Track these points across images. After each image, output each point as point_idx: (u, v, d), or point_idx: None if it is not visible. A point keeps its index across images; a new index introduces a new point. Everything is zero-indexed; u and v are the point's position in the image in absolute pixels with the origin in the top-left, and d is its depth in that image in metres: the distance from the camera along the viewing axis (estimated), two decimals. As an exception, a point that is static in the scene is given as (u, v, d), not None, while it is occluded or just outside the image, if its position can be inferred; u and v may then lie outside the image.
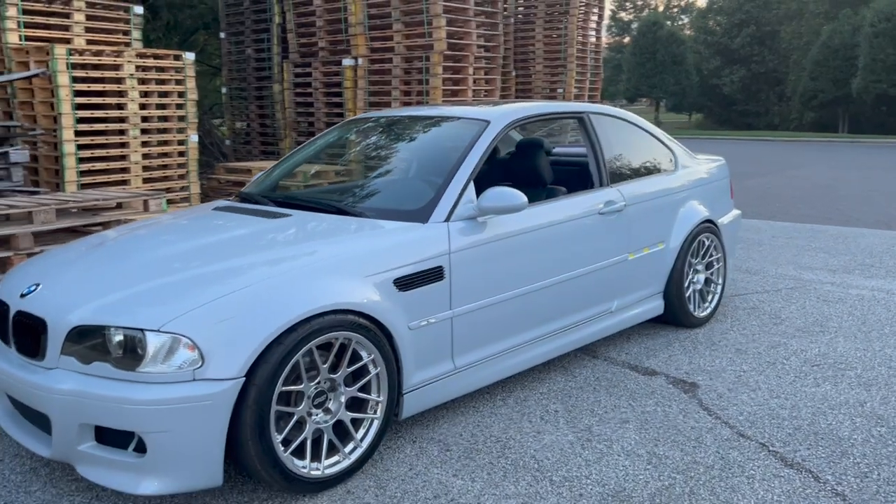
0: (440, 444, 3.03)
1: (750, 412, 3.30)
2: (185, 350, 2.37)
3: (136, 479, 2.40)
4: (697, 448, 2.97)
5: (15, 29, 8.40)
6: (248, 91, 12.37)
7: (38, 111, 8.09)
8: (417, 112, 4.07)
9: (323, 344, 2.63)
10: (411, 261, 2.92)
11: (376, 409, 2.83)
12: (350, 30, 10.36)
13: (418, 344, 2.96)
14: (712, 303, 4.67)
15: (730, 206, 5.02)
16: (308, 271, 2.66)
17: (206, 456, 2.39)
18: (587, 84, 14.39)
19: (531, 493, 2.64)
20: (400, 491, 2.67)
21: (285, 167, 4.04)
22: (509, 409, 3.37)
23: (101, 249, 3.04)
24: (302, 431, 2.63)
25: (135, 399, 2.33)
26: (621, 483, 2.71)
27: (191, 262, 2.71)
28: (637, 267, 4.08)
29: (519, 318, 3.42)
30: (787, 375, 3.74)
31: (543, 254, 3.48)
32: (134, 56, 8.44)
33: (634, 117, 4.48)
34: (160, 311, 2.42)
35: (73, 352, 2.46)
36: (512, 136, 5.37)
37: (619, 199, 3.94)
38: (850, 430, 3.12)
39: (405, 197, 3.35)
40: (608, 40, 66.01)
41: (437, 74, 9.61)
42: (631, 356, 4.04)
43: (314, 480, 2.63)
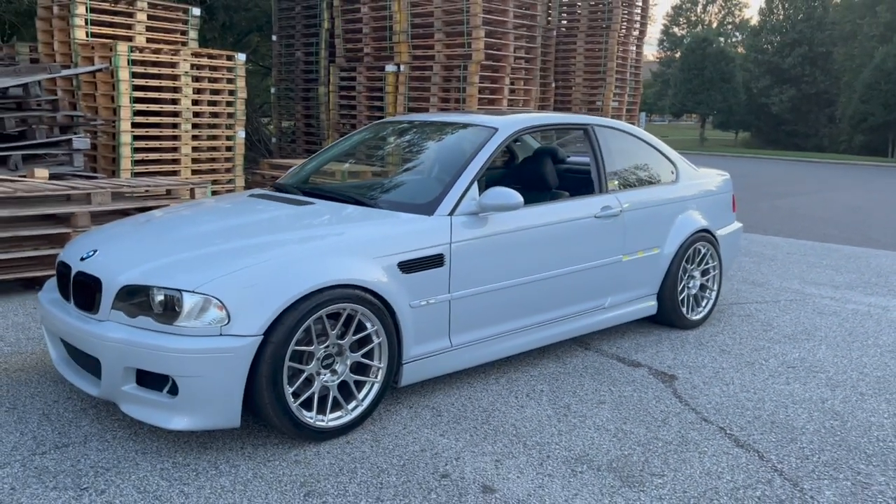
0: (433, 410, 3.43)
1: (718, 402, 3.64)
2: (215, 309, 2.82)
3: (168, 416, 2.86)
4: (662, 427, 3.32)
5: (83, 26, 9.06)
6: (296, 92, 12.96)
7: (99, 103, 8.74)
8: (436, 118, 4.50)
9: (332, 313, 3.06)
10: (415, 247, 3.33)
11: (377, 374, 3.25)
12: (394, 37, 10.85)
13: (418, 321, 3.37)
14: (706, 307, 4.98)
15: (730, 219, 5.33)
16: (322, 250, 3.09)
17: (227, 399, 2.84)
18: (626, 98, 14.65)
19: (505, 453, 3.03)
20: (392, 444, 3.08)
21: (316, 163, 4.50)
22: (500, 385, 3.76)
23: (150, 224, 3.53)
24: (311, 387, 3.06)
25: (171, 348, 2.78)
26: (585, 450, 3.08)
27: (224, 238, 3.17)
28: (631, 268, 4.43)
29: (514, 306, 3.80)
30: (761, 374, 4.05)
31: (539, 250, 3.86)
32: (189, 55, 9.03)
33: (640, 131, 4.84)
34: (195, 276, 2.87)
35: (121, 307, 2.93)
36: (530, 144, 5.77)
37: (616, 205, 4.30)
38: (805, 422, 3.43)
39: (416, 192, 3.77)
40: (659, 55, 65.73)
41: (473, 83, 10.04)
42: (621, 349, 4.39)
43: (319, 430, 3.06)
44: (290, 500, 2.63)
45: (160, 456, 2.92)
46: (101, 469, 2.79)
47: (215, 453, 2.96)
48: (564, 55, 14.54)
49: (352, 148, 4.60)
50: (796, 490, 2.80)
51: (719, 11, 64.29)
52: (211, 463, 2.88)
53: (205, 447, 3.01)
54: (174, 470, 2.81)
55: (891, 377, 4.06)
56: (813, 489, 2.81)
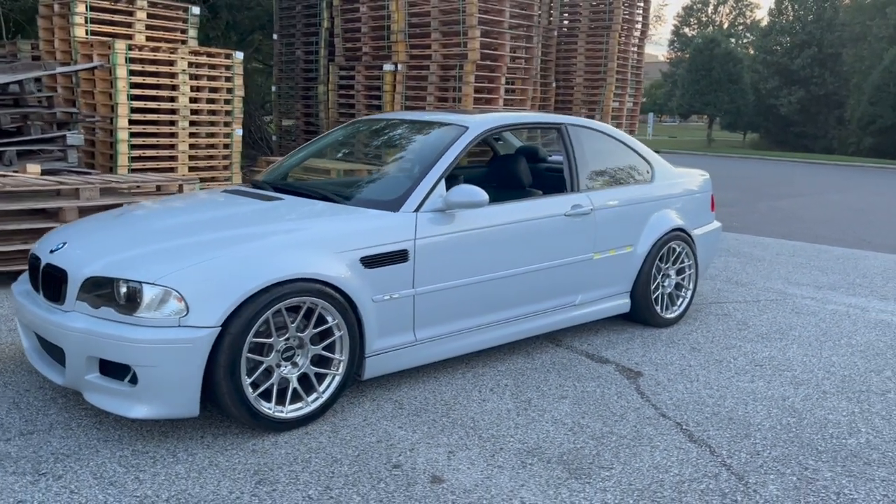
0: (395, 403, 3.50)
1: (679, 398, 3.68)
2: (174, 301, 2.89)
3: (129, 405, 2.94)
4: (619, 422, 3.37)
5: (82, 24, 9.18)
6: (296, 90, 13.05)
7: (97, 100, 8.85)
8: (410, 117, 4.56)
9: (292, 306, 3.13)
10: (377, 243, 3.40)
11: (339, 367, 3.31)
12: (392, 37, 10.92)
13: (381, 315, 3.44)
14: (681, 306, 5.02)
15: (709, 218, 5.36)
16: (284, 244, 3.16)
17: (185, 389, 2.91)
18: (626, 98, 14.67)
19: (459, 445, 3.09)
20: (350, 435, 3.15)
21: (293, 160, 4.57)
22: (465, 380, 3.82)
23: (122, 218, 3.61)
24: (270, 378, 3.13)
25: (131, 338, 2.86)
26: (539, 443, 3.13)
27: (189, 232, 3.25)
28: (602, 266, 4.47)
29: (480, 302, 3.86)
30: (727, 372, 4.09)
31: (507, 247, 3.92)
32: (187, 53, 9.13)
33: (615, 131, 4.88)
34: (156, 269, 2.95)
35: (86, 298, 3.01)
36: (512, 143, 5.82)
37: (587, 204, 4.34)
38: (762, 419, 3.47)
39: (384, 189, 3.83)
40: (669, 55, 65.54)
41: (469, 83, 10.10)
42: (592, 346, 4.44)
43: (278, 420, 3.13)
44: (242, 488, 2.70)
45: (121, 444, 2.99)
46: (62, 456, 2.87)
47: (176, 442, 3.03)
48: (566, 55, 14.56)
49: (328, 146, 4.66)
50: (741, 484, 2.85)
51: (730, 12, 64.08)
52: (170, 451, 2.95)
53: (166, 436, 3.08)
54: (133, 457, 2.89)
55: (856, 376, 4.10)
56: (757, 483, 2.86)
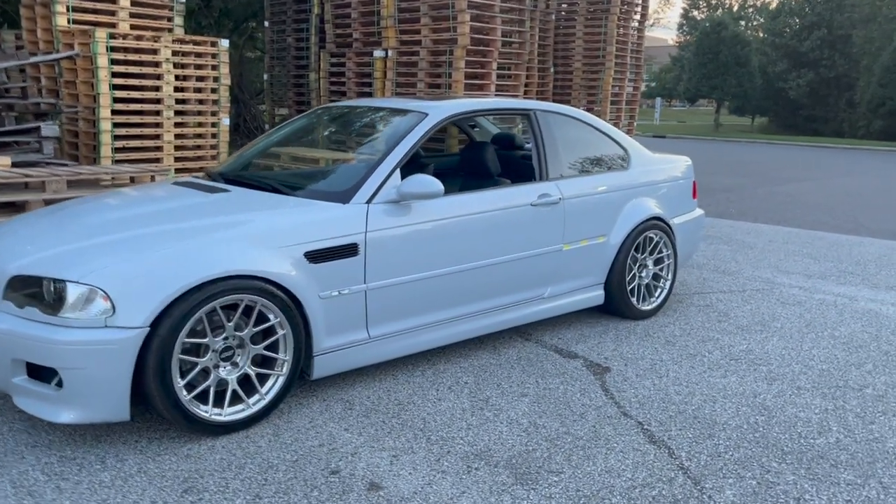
0: (345, 403, 3.35)
1: (645, 396, 3.52)
2: (100, 300, 2.75)
3: (56, 409, 2.80)
4: (577, 422, 3.22)
5: (64, 13, 9.03)
6: (288, 78, 12.88)
7: (80, 90, 8.70)
8: (373, 103, 4.40)
9: (229, 304, 2.99)
10: (324, 237, 3.24)
11: (282, 367, 3.17)
12: (382, 22, 10.72)
13: (329, 312, 3.29)
14: (659, 297, 4.85)
15: (690, 206, 5.18)
16: (220, 239, 3.01)
17: (114, 393, 2.77)
18: (626, 83, 14.41)
19: (405, 448, 2.94)
20: (291, 439, 3.01)
21: (253, 150, 4.41)
22: (424, 378, 3.67)
23: (60, 213, 3.47)
24: (208, 380, 2.99)
25: (55, 339, 2.72)
26: (489, 445, 2.98)
27: (124, 227, 3.10)
28: (573, 257, 4.30)
29: (440, 296, 3.70)
30: (700, 367, 3.92)
31: (469, 238, 3.76)
32: (170, 41, 8.98)
33: (588, 117, 4.70)
34: (82, 266, 2.81)
35: (12, 297, 2.87)
36: (488, 130, 5.65)
37: (555, 193, 4.17)
38: (729, 417, 3.31)
39: (336, 180, 3.68)
40: (678, 39, 64.78)
41: (459, 68, 9.90)
42: (562, 341, 4.28)
43: (215, 424, 2.99)
44: (168, 496, 2.57)
45: (50, 450, 2.87)
46: (-15, 462, 2.75)
47: (107, 447, 2.90)
48: (564, 40, 14.32)
49: (290, 134, 4.50)
50: (696, 489, 2.69)
51: (740, -6, 63.15)
52: (99, 457, 2.82)
53: (98, 440, 2.95)
54: (59, 464, 2.76)
55: (834, 371, 3.92)
56: (714, 488, 2.70)
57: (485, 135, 5.63)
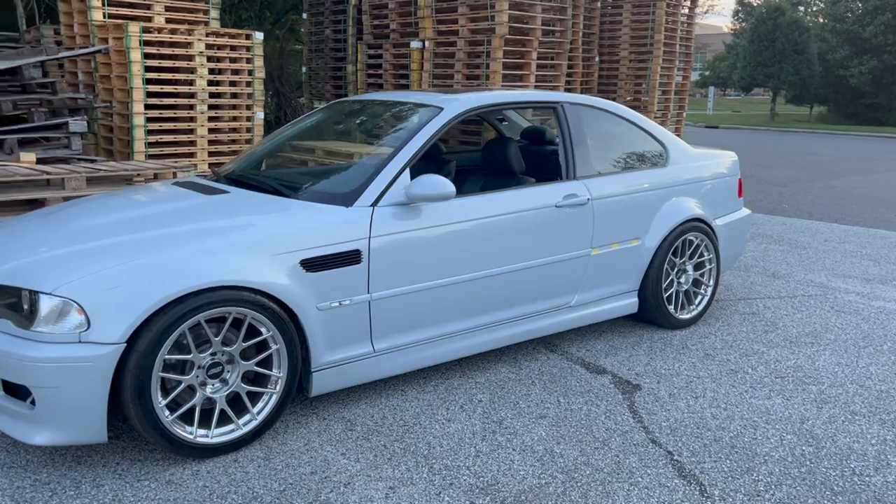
0: (346, 423, 3.10)
1: (677, 419, 3.18)
2: (75, 314, 2.54)
3: (30, 429, 2.61)
4: (599, 450, 2.90)
5: (100, 7, 8.99)
6: (326, 70, 12.71)
7: (114, 85, 8.66)
8: (389, 97, 4.12)
9: (216, 317, 2.75)
10: (322, 243, 2.98)
11: (276, 384, 2.93)
12: (419, 12, 10.45)
13: (329, 325, 3.03)
14: (700, 305, 4.48)
15: (735, 206, 4.78)
16: (206, 247, 2.77)
17: (89, 413, 2.57)
18: (674, 72, 13.87)
19: (404, 479, 2.67)
20: (283, 464, 2.77)
21: (265, 147, 4.18)
22: (436, 395, 3.39)
23: (54, 215, 3.28)
24: (194, 398, 2.77)
25: (25, 356, 2.52)
26: (497, 477, 2.69)
27: (106, 233, 2.88)
28: (603, 263, 3.97)
29: (454, 306, 3.42)
30: (741, 385, 3.56)
31: (485, 243, 3.46)
32: (204, 35, 8.86)
33: (623, 109, 4.34)
34: (56, 276, 2.60)
35: (-12, 308, 2.69)
36: (518, 124, 5.33)
37: (583, 193, 3.84)
38: (772, 447, 2.95)
39: (340, 181, 3.41)
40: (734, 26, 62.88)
41: (497, 59, 9.57)
42: (590, 353, 3.95)
43: (201, 446, 2.76)
44: (139, 531, 2.35)
45: (26, 472, 2.68)
46: (-45, 486, 2.58)
47: (85, 470, 2.70)
48: (610, 28, 13.84)
49: (303, 131, 4.26)
50: (729, 538, 2.36)
51: (799, -21, 60.92)
52: (74, 481, 2.62)
53: (78, 462, 2.76)
54: (31, 489, 2.57)
55: (895, 392, 3.51)
56: (749, 538, 2.37)
57: (515, 129, 5.31)
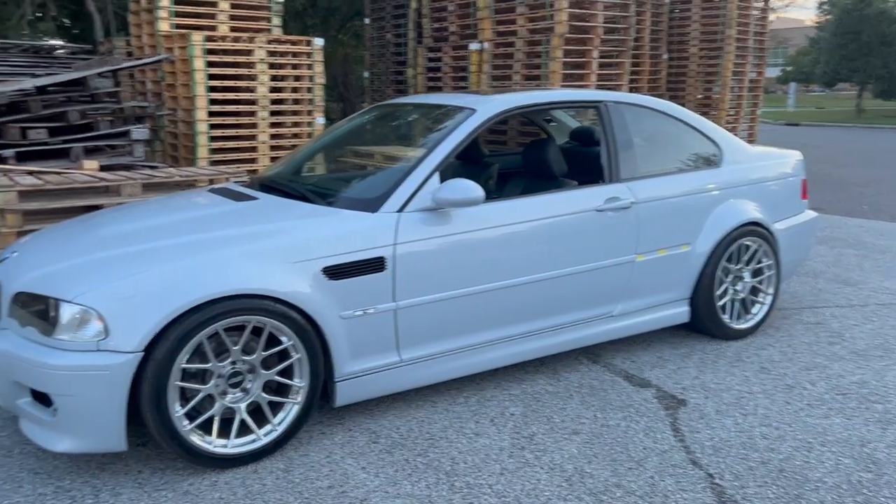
0: (371, 435, 3.01)
1: (722, 439, 2.97)
2: (95, 322, 2.54)
3: (53, 437, 2.62)
4: (633, 471, 2.73)
5: (166, 18, 9.24)
6: (387, 75, 12.75)
7: (179, 93, 8.88)
8: (423, 100, 4.03)
9: (235, 326, 2.71)
10: (345, 250, 2.91)
11: (298, 394, 2.87)
12: (478, 14, 10.35)
13: (352, 334, 2.96)
14: (758, 314, 4.21)
15: (798, 208, 4.48)
16: (226, 255, 2.73)
17: (107, 422, 2.56)
18: (747, 68, 13.34)
19: (422, 497, 2.57)
20: (301, 477, 2.70)
21: (303, 153, 4.14)
22: (466, 407, 3.27)
23: (87, 222, 3.32)
24: (212, 408, 2.74)
25: (46, 363, 2.54)
26: (520, 498, 2.55)
27: (131, 240, 2.88)
28: (649, 270, 3.77)
29: (485, 315, 3.29)
30: (797, 402, 3.30)
31: (518, 250, 3.32)
32: (265, 42, 8.99)
33: (673, 108, 4.12)
34: (77, 284, 2.61)
35: (15, 315, 2.72)
36: (567, 124, 5.16)
37: (627, 196, 3.65)
38: (825, 472, 2.71)
39: (368, 186, 3.33)
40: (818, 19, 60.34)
41: (556, 58, 9.37)
42: (635, 365, 3.75)
43: (220, 457, 2.73)
44: (149, 543, 2.32)
45: (50, 477, 2.70)
46: (-19, 491, 2.61)
47: (107, 477, 2.70)
48: (679, 24, 13.42)
49: (341, 136, 4.21)
50: (766, 574, 2.16)
51: (888, -33, 57.95)
52: (95, 489, 2.62)
53: (102, 469, 2.76)
54: (53, 496, 2.58)
55: (972, 413, 3.20)
56: (790, 575, 2.16)
57: (563, 130, 5.14)
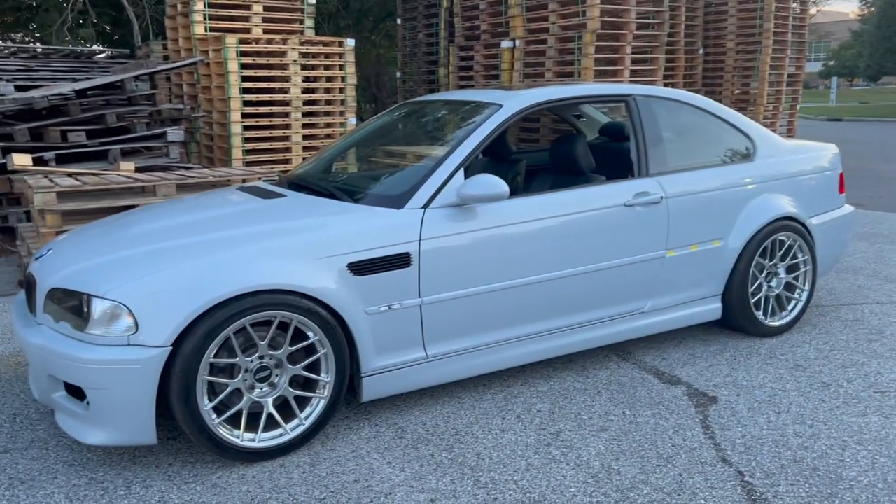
0: (397, 430, 3.02)
1: (753, 436, 2.91)
2: (125, 317, 2.59)
3: (86, 429, 2.68)
4: (661, 468, 2.69)
5: (201, 21, 9.39)
6: (419, 75, 12.78)
7: (213, 95, 9.02)
8: (449, 97, 4.03)
9: (262, 321, 2.74)
10: (370, 246, 2.92)
11: (324, 389, 2.89)
12: (509, 12, 10.33)
13: (378, 329, 2.97)
14: (793, 311, 4.12)
15: (835, 203, 4.38)
16: (252, 251, 2.76)
17: (138, 415, 2.61)
18: (786, 62, 13.09)
19: (447, 491, 2.56)
20: (327, 471, 2.72)
21: (331, 152, 4.17)
22: (493, 403, 3.26)
23: (118, 221, 3.39)
24: (240, 403, 2.77)
25: (79, 357, 2.59)
26: (545, 493, 2.53)
27: (161, 237, 2.93)
28: (680, 265, 3.72)
29: (512, 311, 3.28)
30: (833, 400, 3.23)
31: (544, 246, 3.30)
32: (298, 43, 9.08)
33: (704, 101, 4.06)
34: (108, 280, 2.66)
35: (50, 310, 2.79)
36: (597, 120, 5.12)
37: (656, 191, 3.61)
38: (861, 471, 2.64)
39: (394, 183, 3.34)
40: (861, 11, 58.97)
41: (588, 55, 9.31)
42: (666, 362, 3.71)
43: (248, 450, 2.76)
44: (177, 534, 2.36)
45: (84, 469, 2.76)
46: (17, 481, 2.67)
47: (139, 470, 2.75)
48: (715, 18, 13.23)
49: (368, 134, 4.23)
50: (796, 573, 2.11)
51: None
52: (126, 481, 2.67)
53: (134, 462, 2.81)
54: (85, 487, 2.63)
55: None
56: (821, 574, 2.11)
57: (593, 125, 5.10)
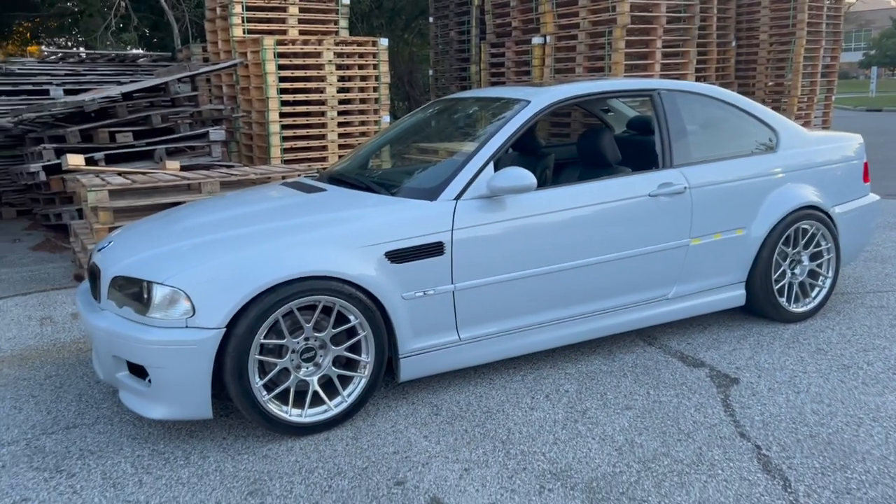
0: (432, 408, 3.22)
1: (772, 414, 3.05)
2: (183, 301, 2.83)
3: (148, 405, 2.93)
4: (681, 442, 2.85)
5: (240, 24, 9.69)
6: (451, 72, 12.96)
7: (252, 96, 9.31)
8: (479, 94, 4.21)
9: (308, 305, 2.96)
10: (406, 236, 3.13)
11: (365, 369, 3.10)
12: (540, 8, 10.46)
13: (414, 313, 3.17)
14: (817, 298, 4.23)
15: (859, 192, 4.47)
16: (297, 241, 2.99)
17: (195, 391, 2.85)
18: (820, 52, 13.01)
19: (479, 461, 2.76)
20: (368, 444, 2.93)
21: (367, 148, 4.39)
22: (523, 384, 3.44)
23: (172, 215, 3.64)
24: (289, 380, 3.00)
25: (142, 339, 2.84)
26: (571, 464, 2.71)
27: (213, 229, 3.17)
28: (704, 253, 3.86)
29: (540, 297, 3.46)
30: (852, 381, 3.35)
31: (572, 235, 3.47)
32: (333, 44, 9.33)
33: (728, 94, 4.18)
34: (168, 268, 2.90)
35: (114, 297, 3.04)
36: (624, 114, 5.26)
37: (680, 182, 3.75)
38: (874, 445, 2.77)
39: (427, 176, 3.54)
40: (902, -1, 57.58)
41: (619, 49, 9.41)
42: (690, 346, 3.85)
43: (295, 425, 2.98)
44: (233, 497, 2.58)
45: (147, 442, 3.01)
46: (87, 452, 2.93)
47: (196, 443, 2.99)
48: (747, 10, 13.19)
49: (402, 131, 4.44)
50: (805, 534, 2.26)
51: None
52: (185, 453, 2.91)
53: (191, 436, 3.05)
54: (149, 457, 2.88)
55: None
56: (829, 535, 2.26)
57: (621, 119, 5.24)
